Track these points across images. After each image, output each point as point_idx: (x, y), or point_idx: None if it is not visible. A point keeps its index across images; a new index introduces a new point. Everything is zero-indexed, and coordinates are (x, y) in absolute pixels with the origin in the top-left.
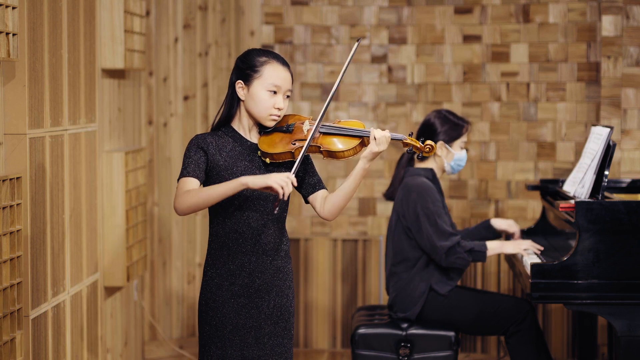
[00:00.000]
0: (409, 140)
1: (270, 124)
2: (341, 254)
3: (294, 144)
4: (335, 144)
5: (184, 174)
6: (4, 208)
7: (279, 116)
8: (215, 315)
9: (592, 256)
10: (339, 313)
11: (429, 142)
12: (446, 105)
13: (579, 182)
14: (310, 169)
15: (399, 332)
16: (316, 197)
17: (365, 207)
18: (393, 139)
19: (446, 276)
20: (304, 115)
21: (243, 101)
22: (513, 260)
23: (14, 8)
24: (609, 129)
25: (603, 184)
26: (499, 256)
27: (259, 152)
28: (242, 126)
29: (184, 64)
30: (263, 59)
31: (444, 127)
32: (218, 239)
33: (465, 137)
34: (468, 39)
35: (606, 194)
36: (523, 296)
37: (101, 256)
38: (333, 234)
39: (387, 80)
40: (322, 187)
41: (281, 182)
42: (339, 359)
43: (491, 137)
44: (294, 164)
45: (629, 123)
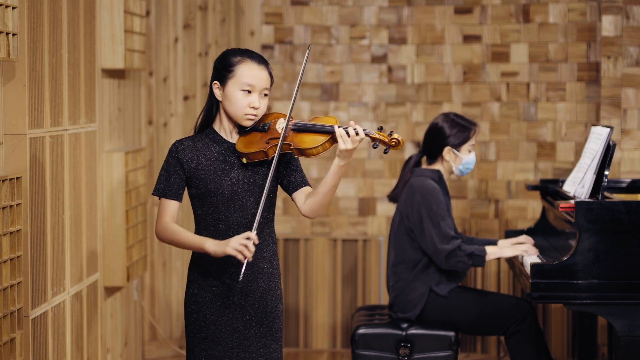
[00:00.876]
0: (376, 134)
1: (247, 123)
2: (341, 254)
3: (268, 142)
4: (304, 142)
5: (165, 193)
6: (4, 208)
7: (255, 115)
8: (199, 317)
9: (592, 256)
10: (339, 313)
11: (395, 135)
12: (446, 105)
13: (579, 182)
14: (293, 166)
15: (399, 332)
16: (298, 195)
17: (365, 207)
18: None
19: (446, 278)
20: (283, 113)
21: (221, 102)
22: (513, 260)
23: (14, 8)
24: (609, 129)
25: (603, 184)
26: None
27: (237, 152)
28: (223, 127)
29: (184, 64)
30: (237, 58)
31: (452, 131)
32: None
33: (473, 139)
34: (468, 39)
35: (606, 194)
36: (523, 296)
37: (101, 256)
38: (333, 234)
39: (387, 80)
40: (306, 184)
41: (239, 247)
42: (339, 359)
43: (491, 137)
44: (271, 164)
45: (629, 123)
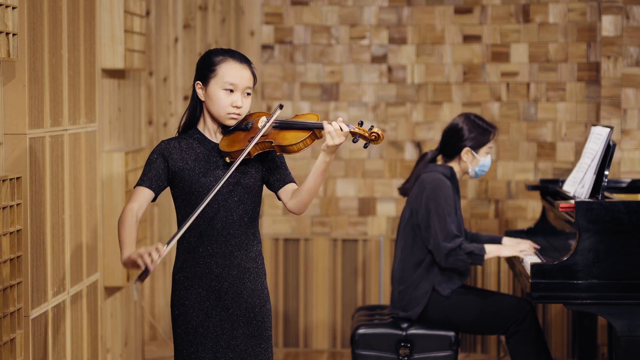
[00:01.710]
0: (356, 129)
1: (231, 122)
2: (341, 254)
3: (250, 141)
4: (285, 138)
5: (140, 182)
6: (4, 208)
7: (238, 114)
8: (185, 319)
9: (592, 256)
10: (339, 313)
11: (375, 129)
12: (446, 105)
13: (579, 182)
14: (278, 164)
15: (399, 332)
16: (283, 191)
17: (365, 207)
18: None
19: (449, 278)
20: (266, 113)
21: (204, 102)
22: (513, 260)
23: (14, 8)
24: (609, 129)
25: (603, 184)
26: (498, 256)
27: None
28: (207, 128)
29: (184, 64)
30: (219, 58)
31: (472, 134)
32: (184, 242)
33: (492, 142)
34: (468, 39)
35: (606, 194)
36: (523, 296)
37: (101, 256)
38: (333, 234)
39: (387, 80)
40: (291, 180)
41: (142, 252)
42: (339, 359)
43: None
44: (254, 163)
45: (629, 123)
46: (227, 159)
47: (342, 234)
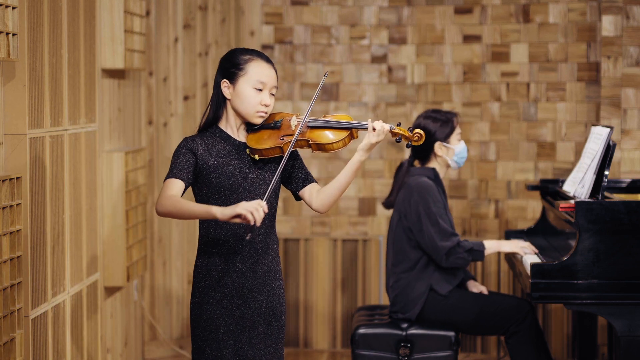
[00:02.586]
0: (397, 129)
1: (258, 121)
2: (341, 254)
3: (282, 139)
4: (324, 136)
5: (170, 175)
6: (4, 208)
7: (266, 112)
8: (208, 317)
9: (592, 256)
10: (339, 313)
11: (417, 130)
12: (446, 105)
13: (579, 182)
14: (298, 164)
15: (399, 332)
16: (306, 190)
17: (365, 207)
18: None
19: (446, 276)
20: (290, 112)
21: (229, 100)
22: (513, 260)
23: (14, 8)
24: (609, 129)
25: (603, 184)
26: (498, 256)
27: (247, 149)
28: (230, 126)
29: (184, 64)
30: (247, 56)
31: (436, 126)
32: (208, 240)
33: (458, 128)
34: (468, 39)
35: (606, 194)
36: (523, 296)
37: (101, 256)
38: (333, 234)
39: (387, 80)
40: (312, 180)
41: (251, 208)
42: (339, 359)
43: (491, 137)
44: (282, 160)
45: (629, 123)
46: (257, 156)
47: (342, 234)
